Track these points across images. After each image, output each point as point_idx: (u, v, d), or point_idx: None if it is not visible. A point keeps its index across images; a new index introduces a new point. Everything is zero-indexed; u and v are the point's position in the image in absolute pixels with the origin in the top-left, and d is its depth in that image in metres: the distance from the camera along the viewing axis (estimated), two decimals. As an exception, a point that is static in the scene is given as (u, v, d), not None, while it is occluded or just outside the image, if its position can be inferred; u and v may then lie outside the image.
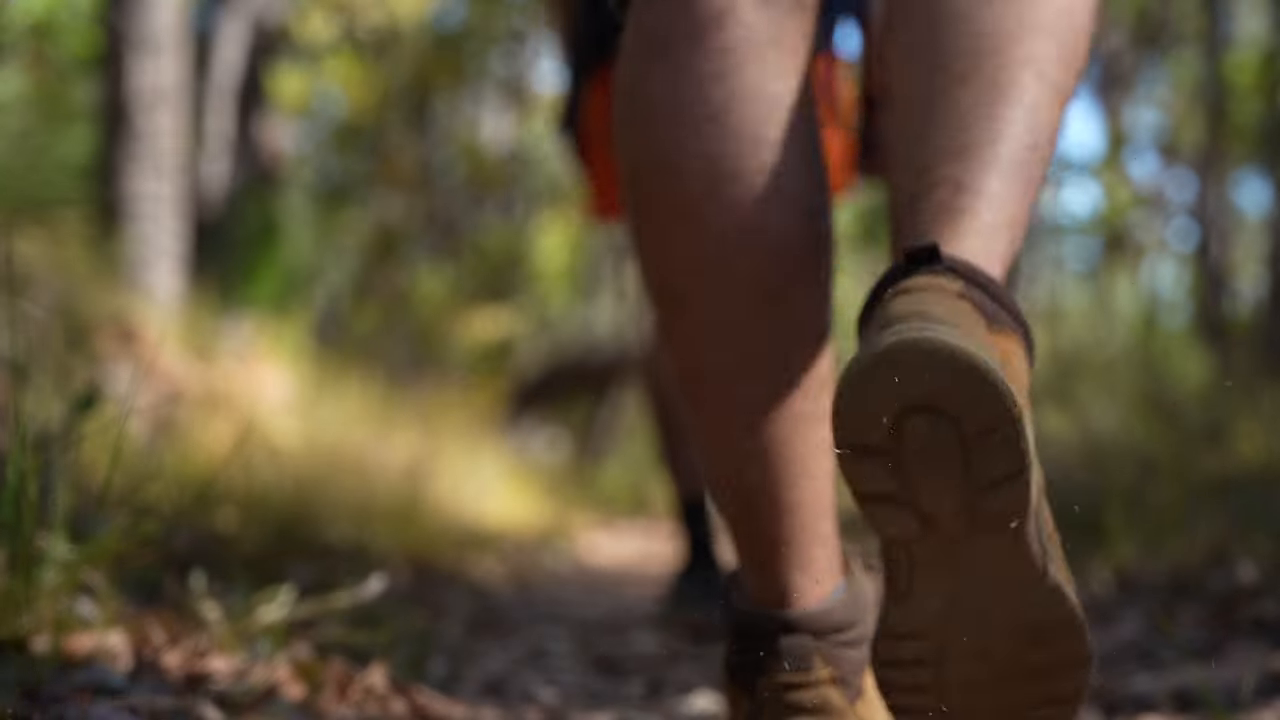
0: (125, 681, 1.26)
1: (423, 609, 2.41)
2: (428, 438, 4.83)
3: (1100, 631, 2.02)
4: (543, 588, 3.15)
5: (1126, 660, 1.81)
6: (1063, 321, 12.39)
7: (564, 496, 7.10)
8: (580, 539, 5.90)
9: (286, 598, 1.56)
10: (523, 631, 2.37)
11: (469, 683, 1.76)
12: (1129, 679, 1.64)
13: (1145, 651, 1.84)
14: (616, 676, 1.95)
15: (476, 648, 2.11)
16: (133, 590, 1.81)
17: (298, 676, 1.40)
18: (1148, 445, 2.98)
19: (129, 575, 1.82)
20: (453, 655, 1.98)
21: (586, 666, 2.02)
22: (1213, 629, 1.85)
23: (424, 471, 4.11)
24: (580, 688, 1.82)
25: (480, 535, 3.93)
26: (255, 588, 2.05)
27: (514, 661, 2.00)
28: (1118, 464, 2.81)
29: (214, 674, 1.36)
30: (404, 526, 3.32)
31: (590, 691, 1.80)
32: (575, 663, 2.04)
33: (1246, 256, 10.86)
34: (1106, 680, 1.64)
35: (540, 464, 7.32)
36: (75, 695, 1.16)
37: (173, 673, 1.35)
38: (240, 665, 1.39)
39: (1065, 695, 0.90)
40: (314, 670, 1.42)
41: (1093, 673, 0.88)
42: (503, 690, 1.74)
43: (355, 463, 3.66)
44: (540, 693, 1.73)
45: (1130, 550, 2.42)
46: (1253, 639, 1.74)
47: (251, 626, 1.50)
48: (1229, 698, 1.45)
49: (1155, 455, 2.84)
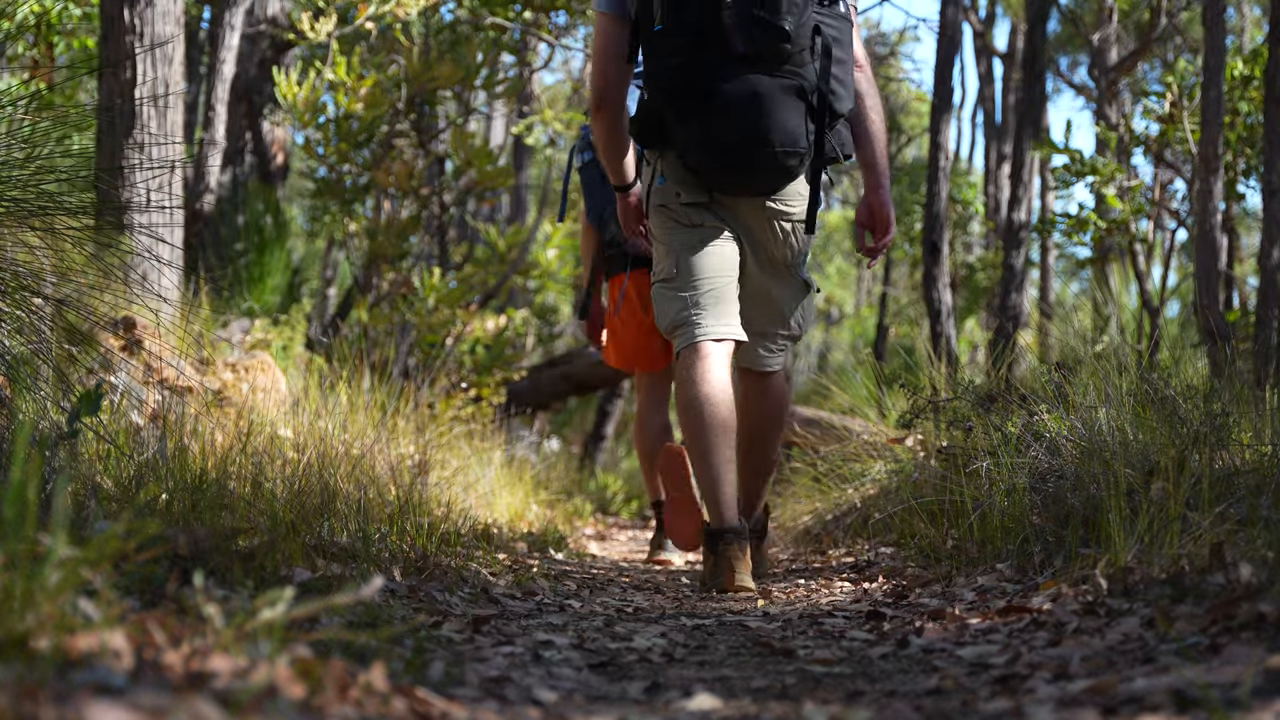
0: (126, 681, 1.26)
1: (423, 609, 2.41)
2: (428, 438, 4.83)
3: (1100, 631, 2.03)
4: (542, 587, 3.15)
5: (1126, 660, 1.81)
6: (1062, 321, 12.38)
7: (563, 496, 7.10)
8: (580, 538, 5.90)
9: (286, 598, 1.56)
10: (523, 631, 2.37)
11: (469, 683, 1.77)
12: (1129, 679, 1.64)
13: (1145, 651, 1.84)
14: (616, 676, 1.95)
15: (476, 648, 2.11)
16: (133, 590, 1.81)
17: (298, 676, 1.40)
18: (1148, 445, 2.98)
19: (129, 575, 1.82)
20: (453, 655, 1.98)
21: (586, 666, 2.02)
22: (1212, 629, 1.85)
23: (424, 471, 4.11)
24: (580, 687, 1.82)
25: (480, 535, 3.93)
26: (255, 588, 2.06)
27: (514, 661, 2.00)
28: (1118, 464, 2.81)
29: (214, 673, 1.36)
30: (404, 526, 3.32)
31: (590, 691, 1.80)
32: (575, 663, 2.04)
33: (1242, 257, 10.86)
34: (1106, 680, 1.64)
35: (539, 464, 7.32)
36: (76, 695, 1.16)
37: (173, 672, 1.35)
38: (240, 665, 1.39)
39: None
40: (314, 670, 1.42)
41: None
42: (503, 690, 1.74)
43: (355, 463, 3.67)
44: (540, 693, 1.73)
45: (1130, 550, 2.42)
46: (1252, 639, 1.74)
47: (251, 626, 1.50)
48: (1228, 698, 1.45)
49: (1155, 455, 2.85)
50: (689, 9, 2.98)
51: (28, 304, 2.89)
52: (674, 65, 3.01)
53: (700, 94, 2.99)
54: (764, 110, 2.98)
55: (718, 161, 3.07)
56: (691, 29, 2.98)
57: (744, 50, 2.97)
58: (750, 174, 3.10)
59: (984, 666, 1.92)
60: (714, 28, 2.96)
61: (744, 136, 3.01)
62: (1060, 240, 8.16)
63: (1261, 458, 2.99)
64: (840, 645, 2.28)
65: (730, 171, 3.10)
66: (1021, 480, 3.21)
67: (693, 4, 2.97)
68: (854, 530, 4.48)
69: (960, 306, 12.73)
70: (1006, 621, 2.28)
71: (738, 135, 3.01)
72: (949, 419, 4.22)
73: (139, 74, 5.29)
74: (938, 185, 7.65)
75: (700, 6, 2.97)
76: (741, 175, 3.11)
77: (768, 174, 3.10)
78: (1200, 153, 6.07)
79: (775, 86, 2.98)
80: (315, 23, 7.14)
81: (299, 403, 4.50)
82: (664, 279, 3.24)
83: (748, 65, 2.98)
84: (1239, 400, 3.63)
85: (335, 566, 2.60)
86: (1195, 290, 5.90)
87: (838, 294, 24.71)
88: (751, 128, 2.99)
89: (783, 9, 2.93)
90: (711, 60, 2.99)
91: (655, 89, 3.06)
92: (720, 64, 2.99)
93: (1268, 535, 2.27)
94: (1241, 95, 6.93)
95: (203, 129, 7.29)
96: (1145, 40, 9.95)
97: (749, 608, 2.92)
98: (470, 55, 7.54)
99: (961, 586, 2.86)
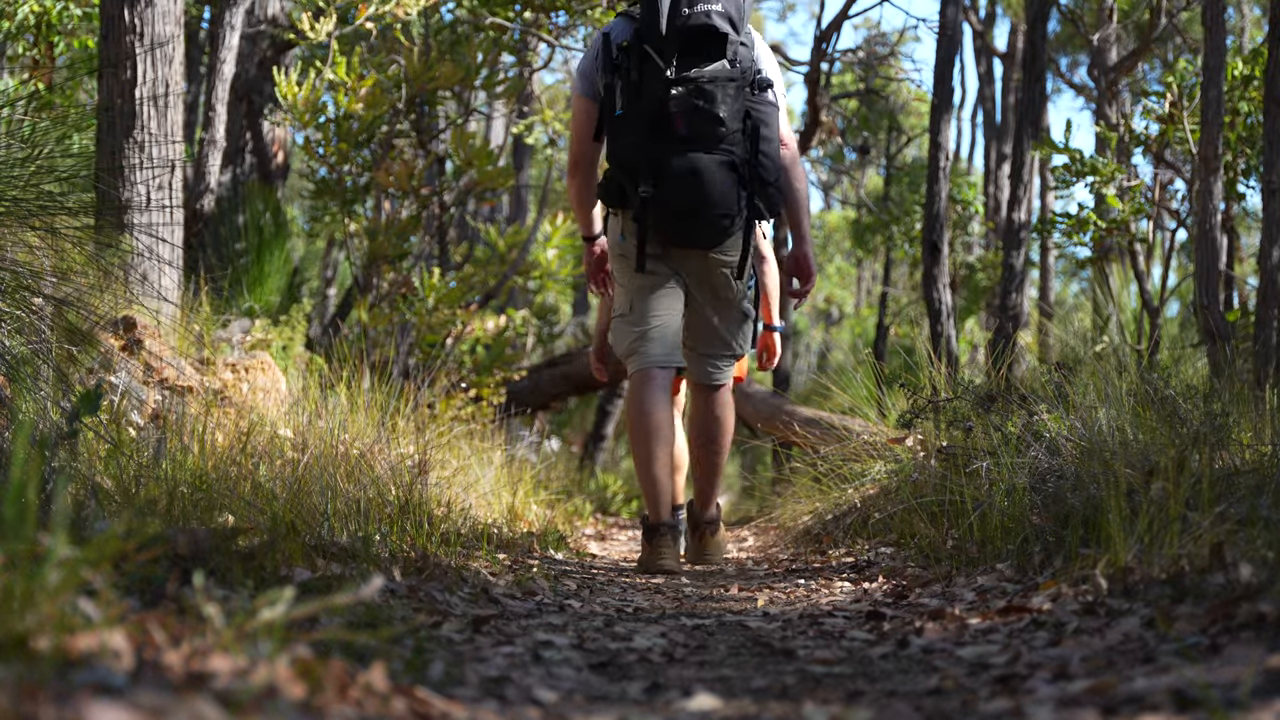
0: (126, 681, 1.26)
1: (423, 609, 2.41)
2: (428, 438, 4.82)
3: (1100, 631, 2.03)
4: (542, 587, 3.15)
5: (1126, 660, 1.81)
6: (1062, 321, 12.38)
7: (563, 496, 7.10)
8: (580, 538, 5.90)
9: (286, 598, 1.56)
10: (523, 631, 2.37)
11: (469, 683, 1.77)
12: (1129, 679, 1.64)
13: (1145, 651, 1.84)
14: (616, 676, 1.95)
15: (476, 648, 2.11)
16: (133, 590, 1.81)
17: (298, 676, 1.40)
18: (1148, 445, 2.98)
19: (129, 575, 1.82)
20: (453, 655, 1.98)
21: (586, 666, 2.02)
22: (1212, 629, 1.85)
23: (424, 471, 4.11)
24: (580, 688, 1.82)
25: (480, 535, 3.93)
26: (255, 588, 2.06)
27: (514, 661, 2.00)
28: (1118, 464, 2.81)
29: (214, 673, 1.36)
30: (404, 526, 3.32)
31: (590, 691, 1.80)
32: (575, 663, 2.04)
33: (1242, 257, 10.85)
34: (1106, 680, 1.64)
35: (539, 464, 7.31)
36: (76, 695, 1.16)
37: (173, 672, 1.35)
38: (240, 665, 1.39)
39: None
40: (314, 670, 1.42)
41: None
42: (503, 690, 1.74)
43: (355, 463, 3.67)
44: (540, 693, 1.73)
45: (1130, 550, 2.42)
46: (1252, 639, 1.74)
47: (251, 626, 1.50)
48: (1228, 697, 1.45)
49: (1155, 455, 2.85)
50: (642, 99, 3.66)
51: (28, 304, 2.89)
52: (631, 144, 3.69)
53: (652, 169, 3.67)
54: (703, 182, 3.65)
55: (668, 224, 3.74)
56: (644, 115, 3.65)
57: (686, 133, 3.64)
58: (695, 233, 3.76)
59: (984, 666, 1.92)
60: (663, 115, 3.63)
61: (688, 204, 3.67)
62: (1060, 240, 8.15)
63: (1261, 458, 2.99)
64: (840, 645, 2.28)
65: (678, 231, 3.76)
66: (1021, 480, 3.21)
67: (645, 95, 3.65)
68: (854, 530, 4.48)
69: (960, 306, 12.73)
70: (1006, 621, 2.28)
71: (683, 203, 3.68)
72: (949, 419, 4.22)
73: (139, 74, 5.29)
74: (938, 185, 7.65)
75: (652, 97, 3.64)
76: (688, 234, 3.77)
77: (709, 232, 3.75)
78: (1200, 153, 6.07)
79: (712, 163, 3.65)
80: (315, 23, 7.14)
81: (299, 403, 4.50)
82: (620, 315, 3.96)
83: (690, 145, 3.65)
84: (1239, 400, 3.63)
85: (335, 566, 2.60)
86: (1195, 290, 5.90)
87: (838, 294, 24.70)
88: (694, 197, 3.66)
89: (717, 100, 3.62)
90: (661, 141, 3.65)
91: (616, 163, 3.74)
92: (668, 144, 3.65)
93: (1268, 535, 2.27)
94: (1241, 95, 6.92)
95: (203, 129, 7.29)
96: (1145, 40, 9.95)
97: (749, 608, 2.92)
98: (470, 55, 7.54)
99: (961, 586, 2.86)
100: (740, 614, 2.79)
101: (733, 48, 3.66)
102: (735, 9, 3.68)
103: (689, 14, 3.62)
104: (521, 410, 9.07)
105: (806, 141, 8.92)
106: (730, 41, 3.65)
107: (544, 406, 9.86)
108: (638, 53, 3.67)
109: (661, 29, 3.62)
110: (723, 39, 3.64)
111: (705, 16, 3.62)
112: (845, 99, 13.02)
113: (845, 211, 19.62)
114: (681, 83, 3.62)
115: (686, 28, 3.62)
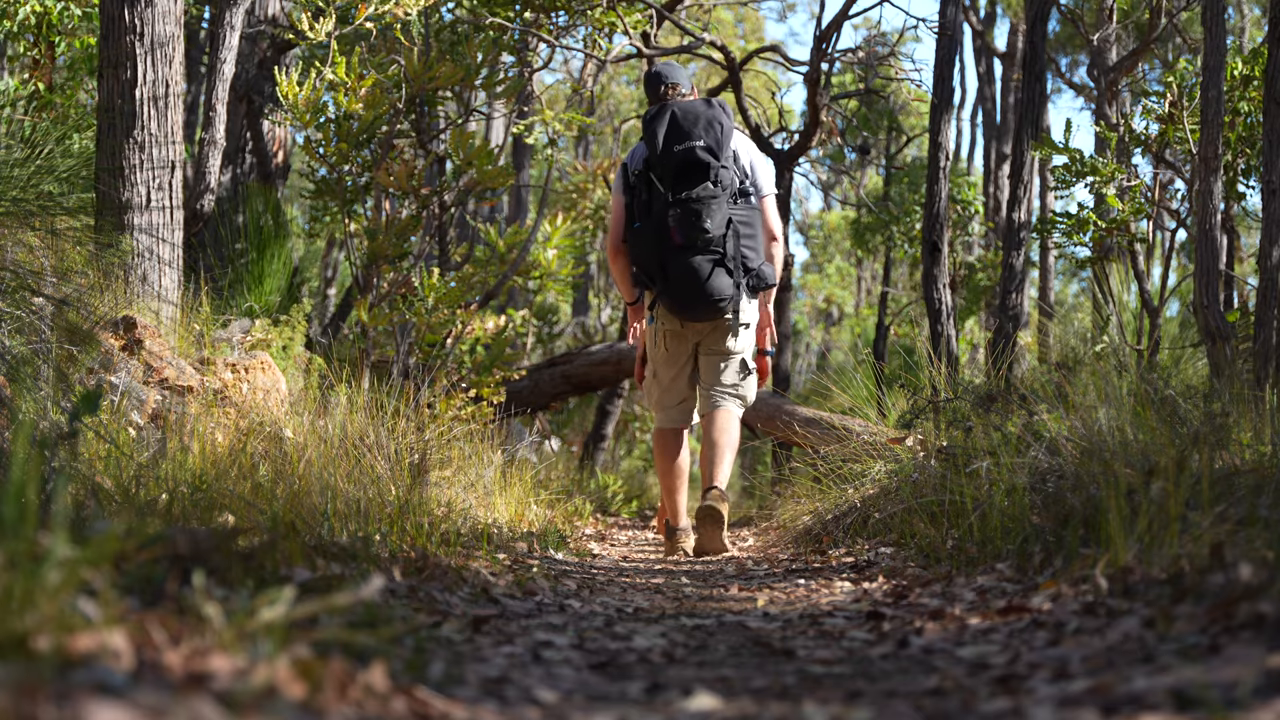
0: (126, 681, 1.26)
1: (423, 609, 2.41)
2: (428, 438, 4.82)
3: (1100, 631, 2.03)
4: (542, 587, 3.15)
5: (1126, 660, 1.81)
6: (1062, 321, 12.38)
7: (563, 496, 7.10)
8: (580, 538, 5.90)
9: (286, 598, 1.55)
10: (523, 631, 2.37)
11: (469, 683, 1.77)
12: (1129, 679, 1.64)
13: (1145, 651, 1.84)
14: (616, 676, 1.95)
15: (476, 648, 2.11)
16: (133, 590, 1.81)
17: (298, 676, 1.40)
18: (1148, 445, 2.98)
19: (129, 575, 1.82)
20: (453, 655, 1.98)
21: (586, 666, 2.02)
22: (1213, 629, 1.85)
23: (424, 471, 4.11)
24: (580, 688, 1.82)
25: (480, 535, 3.93)
26: (255, 588, 2.06)
27: (514, 661, 2.00)
28: (1118, 464, 2.81)
29: (214, 673, 1.36)
30: (404, 526, 3.32)
31: (590, 691, 1.80)
32: (575, 663, 2.04)
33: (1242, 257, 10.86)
34: (1106, 680, 1.64)
35: (539, 464, 7.31)
36: (76, 695, 1.16)
37: (173, 672, 1.35)
38: (240, 665, 1.39)
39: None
40: (314, 670, 1.42)
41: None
42: (503, 690, 1.74)
43: (355, 463, 3.66)
44: (540, 693, 1.73)
45: (1130, 550, 2.42)
46: (1252, 639, 1.74)
47: (251, 626, 1.50)
48: (1228, 697, 1.45)
49: (1155, 455, 2.85)
50: (651, 216, 4.73)
51: (28, 304, 2.89)
52: (644, 251, 4.76)
53: (661, 270, 4.75)
54: (700, 278, 4.71)
55: (677, 311, 4.84)
56: (653, 227, 4.72)
57: (683, 241, 4.67)
58: (699, 314, 4.83)
59: (984, 666, 1.92)
60: (665, 228, 4.69)
61: (688, 295, 4.74)
62: (1060, 240, 8.14)
63: (1261, 458, 2.99)
64: (840, 645, 2.28)
65: (684, 314, 4.84)
66: (1021, 480, 3.21)
67: (654, 212, 4.72)
68: (854, 530, 4.48)
69: (960, 306, 12.73)
70: (1006, 621, 2.28)
71: (684, 295, 4.74)
72: (949, 419, 4.22)
73: (139, 74, 5.29)
74: (938, 185, 7.65)
75: (659, 214, 4.70)
76: (693, 316, 4.85)
77: (709, 312, 4.81)
78: (1200, 153, 6.07)
79: (705, 261, 4.70)
80: (315, 23, 7.14)
81: (299, 403, 4.50)
82: (652, 374, 5.12)
83: (689, 251, 4.69)
84: (1239, 400, 3.63)
85: (335, 566, 2.60)
86: (1195, 290, 5.90)
87: (838, 294, 24.71)
88: (694, 290, 4.72)
89: (704, 216, 4.64)
90: (666, 247, 4.70)
91: (636, 264, 4.84)
92: (671, 250, 4.70)
93: (1268, 535, 2.27)
94: (1241, 95, 6.92)
95: (203, 129, 7.29)
96: (1145, 40, 9.94)
97: (749, 608, 2.92)
98: (470, 55, 7.54)
99: (961, 586, 2.86)
100: (740, 614, 2.79)
101: (714, 172, 4.69)
102: (714, 141, 4.70)
103: (678, 150, 4.67)
104: (521, 410, 9.07)
105: (806, 141, 8.92)
106: (711, 168, 4.68)
107: (544, 406, 9.86)
108: (645, 178, 4.77)
109: (657, 162, 4.71)
110: (705, 167, 4.68)
111: (690, 152, 4.66)
112: (845, 99, 13.02)
113: (845, 211, 19.61)
114: (677, 204, 4.66)
115: (677, 161, 4.66)
